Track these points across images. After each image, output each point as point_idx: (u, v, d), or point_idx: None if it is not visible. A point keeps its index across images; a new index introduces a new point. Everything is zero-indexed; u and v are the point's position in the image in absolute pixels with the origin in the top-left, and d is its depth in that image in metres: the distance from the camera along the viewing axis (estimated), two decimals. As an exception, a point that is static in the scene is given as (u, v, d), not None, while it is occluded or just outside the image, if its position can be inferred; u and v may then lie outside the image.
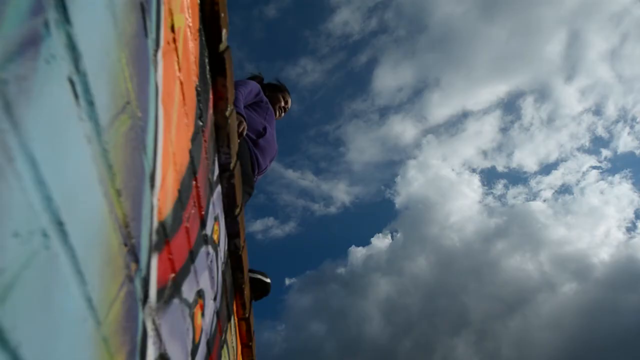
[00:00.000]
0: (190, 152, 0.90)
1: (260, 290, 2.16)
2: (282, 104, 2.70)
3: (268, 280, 2.19)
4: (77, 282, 0.40)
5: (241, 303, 1.80)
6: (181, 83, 0.83)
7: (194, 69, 0.95)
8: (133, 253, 0.55)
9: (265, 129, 2.31)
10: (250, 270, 2.12)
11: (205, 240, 1.06)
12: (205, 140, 1.06)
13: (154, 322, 0.63)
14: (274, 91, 2.71)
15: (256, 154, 2.19)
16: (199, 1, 1.01)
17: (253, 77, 2.70)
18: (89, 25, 0.43)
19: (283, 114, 2.72)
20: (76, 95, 0.41)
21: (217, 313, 1.25)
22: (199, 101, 0.99)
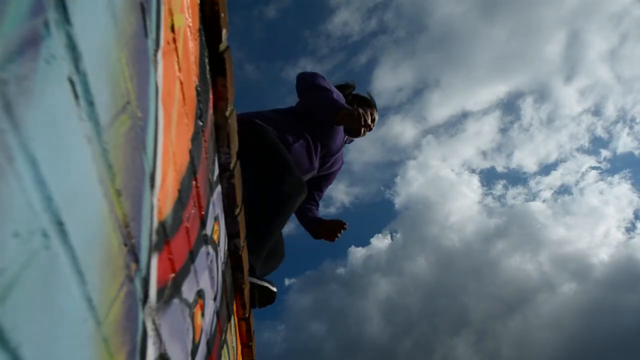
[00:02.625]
0: (190, 152, 0.90)
1: (265, 298, 2.10)
2: (368, 121, 2.42)
3: (274, 289, 2.14)
4: (77, 282, 0.39)
5: (241, 303, 1.80)
6: (181, 83, 0.83)
7: (194, 69, 0.94)
8: (133, 253, 0.55)
9: (295, 141, 2.10)
10: (258, 277, 2.08)
11: (205, 240, 1.06)
12: (205, 140, 1.06)
13: (154, 322, 0.63)
14: (362, 105, 2.46)
15: None
16: (199, 1, 1.01)
17: (343, 85, 2.49)
18: (89, 25, 0.43)
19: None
20: (76, 95, 0.41)
21: (217, 313, 1.25)
22: (199, 101, 0.99)
